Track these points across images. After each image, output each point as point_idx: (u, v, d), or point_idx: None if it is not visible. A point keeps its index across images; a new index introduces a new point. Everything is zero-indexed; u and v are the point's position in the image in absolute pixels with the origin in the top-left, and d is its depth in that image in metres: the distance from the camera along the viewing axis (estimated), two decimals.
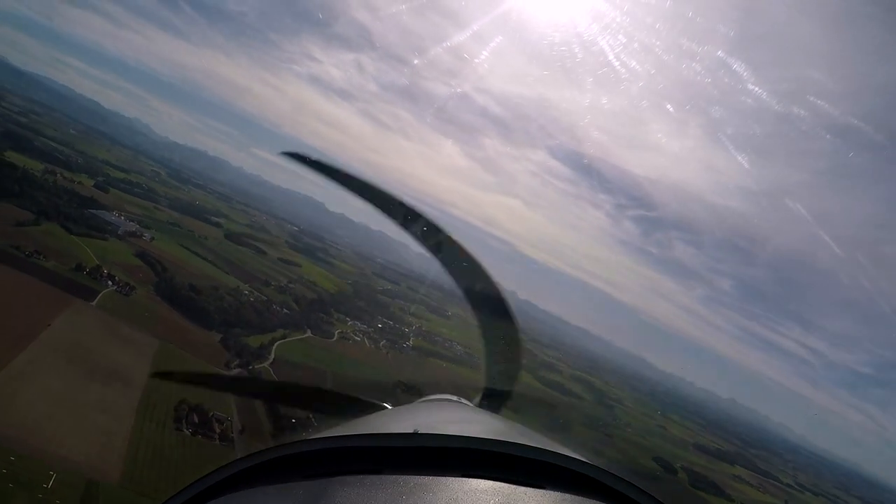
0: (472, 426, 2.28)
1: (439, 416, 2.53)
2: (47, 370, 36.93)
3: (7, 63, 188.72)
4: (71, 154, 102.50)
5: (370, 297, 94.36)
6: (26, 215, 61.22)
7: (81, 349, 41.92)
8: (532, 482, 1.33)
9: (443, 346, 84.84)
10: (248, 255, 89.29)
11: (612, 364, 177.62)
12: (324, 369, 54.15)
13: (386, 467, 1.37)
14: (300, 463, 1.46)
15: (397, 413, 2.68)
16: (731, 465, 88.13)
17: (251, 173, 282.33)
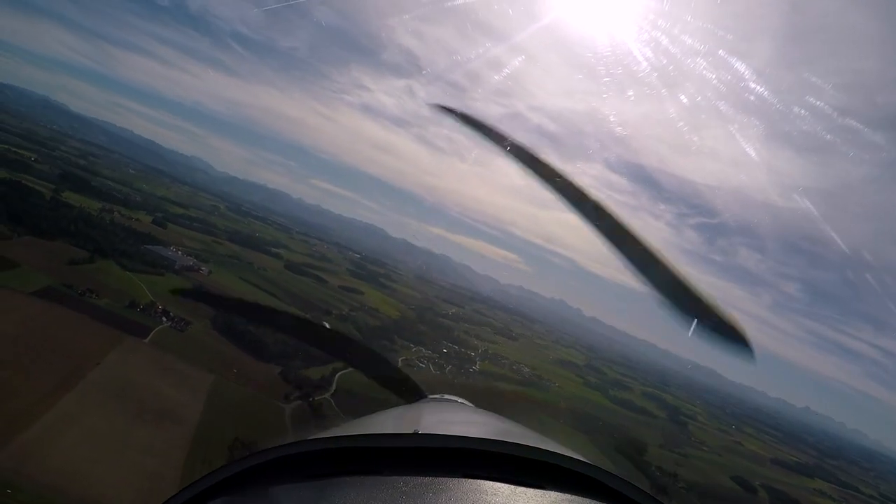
0: (472, 426, 2.38)
1: (439, 416, 2.63)
2: (94, 411, 37.95)
3: (67, 110, 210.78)
4: (129, 192, 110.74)
5: (434, 321, 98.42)
6: (81, 254, 65.42)
7: (132, 387, 43.05)
8: (532, 482, 1.42)
9: (510, 368, 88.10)
10: (309, 284, 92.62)
11: (681, 377, 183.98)
12: (388, 399, 54.15)
13: (386, 467, 1.46)
14: (300, 463, 1.56)
15: (397, 413, 2.76)
16: (810, 478, 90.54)
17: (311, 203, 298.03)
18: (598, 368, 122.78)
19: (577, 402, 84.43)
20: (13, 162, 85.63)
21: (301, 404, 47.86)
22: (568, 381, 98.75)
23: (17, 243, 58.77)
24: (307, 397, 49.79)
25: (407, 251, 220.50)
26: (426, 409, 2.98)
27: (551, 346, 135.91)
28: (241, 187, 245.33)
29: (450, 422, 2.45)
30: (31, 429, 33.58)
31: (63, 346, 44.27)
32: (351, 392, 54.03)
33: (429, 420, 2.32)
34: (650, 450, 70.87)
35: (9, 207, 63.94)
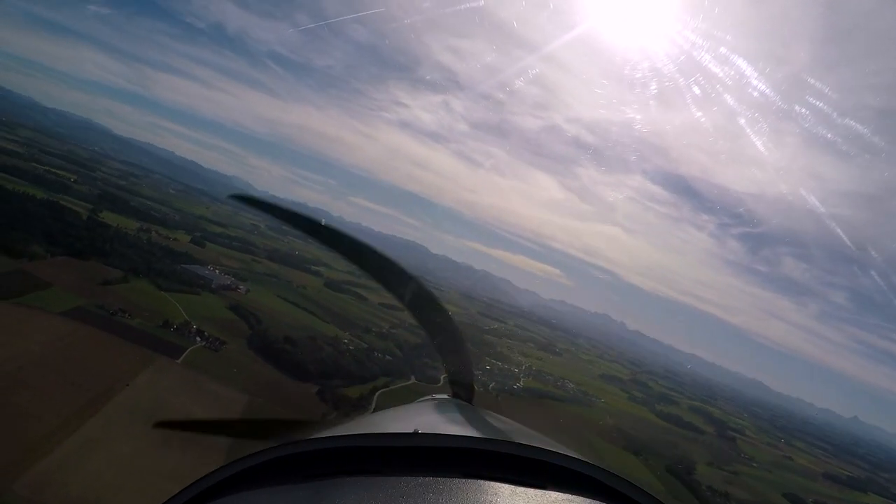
0: (472, 426, 2.40)
1: (439, 416, 2.70)
2: (120, 435, 36.93)
3: (109, 132, 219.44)
4: (168, 212, 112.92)
5: (477, 337, 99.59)
6: (115, 273, 66.01)
7: (161, 410, 41.96)
8: (532, 482, 1.47)
9: (555, 385, 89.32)
10: (349, 302, 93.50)
11: (728, 390, 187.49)
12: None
13: (386, 467, 1.52)
14: (300, 463, 1.62)
15: (397, 413, 2.84)
16: (863, 493, 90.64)
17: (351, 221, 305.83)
18: (643, 382, 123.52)
19: (624, 418, 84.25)
20: (52, 182, 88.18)
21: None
22: (613, 396, 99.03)
23: (50, 263, 59.48)
24: (345, 417, 48.02)
25: (448, 267, 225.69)
26: (426, 409, 3.08)
27: (595, 360, 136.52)
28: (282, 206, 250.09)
29: (450, 422, 2.48)
30: (52, 455, 32.71)
31: (91, 368, 43.81)
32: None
33: (429, 420, 2.42)
34: (699, 468, 71.41)
35: (44, 227, 65.10)
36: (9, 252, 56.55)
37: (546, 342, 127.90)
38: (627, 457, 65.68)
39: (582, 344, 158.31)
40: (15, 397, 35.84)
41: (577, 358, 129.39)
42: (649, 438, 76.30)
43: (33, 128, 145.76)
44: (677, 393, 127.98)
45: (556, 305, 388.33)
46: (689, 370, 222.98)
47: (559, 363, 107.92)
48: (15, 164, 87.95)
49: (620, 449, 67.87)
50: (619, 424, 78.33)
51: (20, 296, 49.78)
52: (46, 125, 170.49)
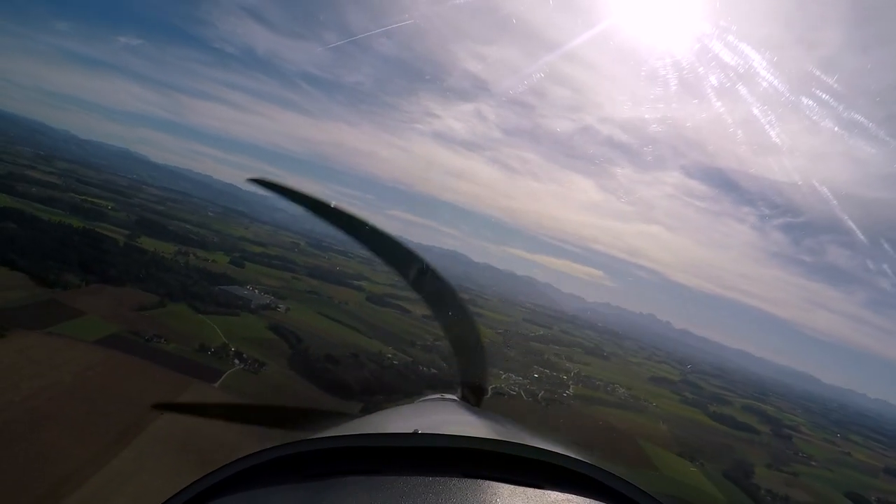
0: (472, 426, 2.46)
1: (439, 416, 2.74)
2: (152, 467, 35.50)
3: (147, 160, 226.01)
4: (206, 234, 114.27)
5: (523, 345, 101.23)
6: (151, 298, 66.06)
7: (196, 439, 40.56)
8: (532, 482, 1.50)
9: (605, 391, 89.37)
10: (392, 315, 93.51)
11: (779, 385, 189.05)
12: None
13: (386, 467, 1.55)
14: (300, 463, 1.65)
15: (397, 413, 2.86)
16: None
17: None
18: (693, 383, 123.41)
19: (678, 422, 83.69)
20: (88, 211, 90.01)
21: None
22: (665, 399, 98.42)
23: (84, 291, 59.83)
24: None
25: (490, 275, 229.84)
26: (426, 409, 3.13)
27: (644, 363, 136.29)
28: (322, 223, 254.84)
29: (450, 422, 2.51)
30: (79, 492, 31.43)
31: (124, 397, 42.92)
32: None
33: (429, 420, 2.45)
34: (757, 471, 71.04)
35: (79, 256, 65.71)
36: (42, 282, 57.09)
37: (593, 346, 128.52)
38: (683, 464, 65.29)
39: (629, 346, 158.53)
40: (42, 432, 35.00)
41: (626, 361, 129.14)
42: (704, 442, 76.24)
43: (71, 160, 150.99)
44: (729, 392, 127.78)
45: (601, 308, 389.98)
46: (739, 367, 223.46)
47: (608, 367, 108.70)
48: (51, 195, 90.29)
49: (676, 455, 67.14)
50: (673, 429, 78.39)
51: (52, 325, 49.67)
52: (84, 156, 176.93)
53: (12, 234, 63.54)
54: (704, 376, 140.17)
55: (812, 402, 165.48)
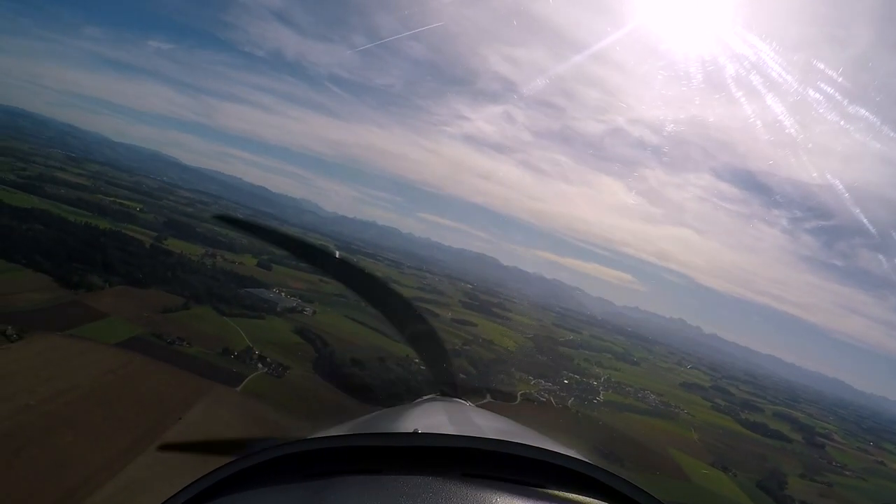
0: (472, 426, 2.54)
1: (439, 416, 2.81)
2: (168, 475, 34.62)
3: (178, 163, 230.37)
4: (235, 236, 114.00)
5: (552, 350, 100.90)
6: (175, 300, 66.03)
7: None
8: (532, 482, 1.53)
9: (635, 397, 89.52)
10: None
11: (809, 391, 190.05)
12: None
13: (386, 467, 1.57)
14: (300, 463, 1.67)
15: (397, 413, 2.90)
16: None
17: (420, 237, 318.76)
18: (724, 389, 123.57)
19: (710, 430, 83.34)
20: (116, 212, 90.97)
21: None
22: (697, 406, 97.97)
23: (108, 293, 60.01)
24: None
25: (519, 278, 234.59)
26: (426, 409, 3.14)
27: (674, 368, 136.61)
28: (351, 226, 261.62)
29: (450, 422, 2.55)
30: (90, 499, 30.83)
31: (142, 401, 42.58)
32: None
33: (429, 420, 2.48)
34: (791, 481, 70.47)
35: (105, 257, 65.93)
36: (66, 283, 57.36)
37: (623, 351, 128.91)
38: (716, 473, 64.98)
39: (659, 351, 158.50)
40: (57, 437, 34.61)
41: (656, 366, 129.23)
42: (737, 451, 76.11)
43: (103, 162, 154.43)
44: (760, 398, 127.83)
45: (630, 312, 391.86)
46: (769, 372, 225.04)
47: (638, 373, 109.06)
48: (80, 197, 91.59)
49: (708, 465, 66.89)
50: (705, 437, 78.20)
51: (74, 327, 49.66)
52: (116, 159, 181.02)
53: (38, 236, 64.19)
54: (735, 382, 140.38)
55: (844, 408, 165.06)
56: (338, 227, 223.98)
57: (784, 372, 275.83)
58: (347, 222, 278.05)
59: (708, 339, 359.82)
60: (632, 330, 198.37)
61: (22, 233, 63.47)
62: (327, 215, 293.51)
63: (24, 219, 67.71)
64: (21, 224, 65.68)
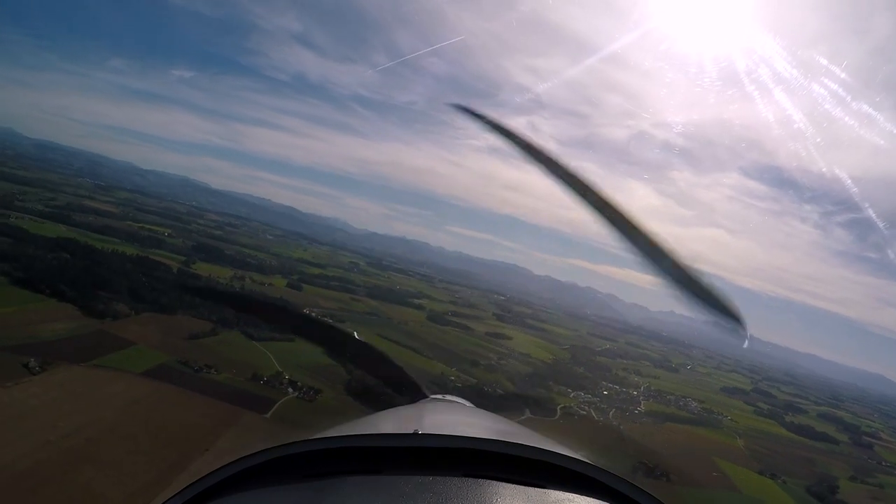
0: (472, 426, 2.52)
1: (439, 416, 2.78)
2: None
3: (208, 187, 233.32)
4: (264, 258, 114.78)
5: (589, 360, 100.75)
6: (203, 326, 65.21)
7: None
8: (532, 482, 1.54)
9: (677, 405, 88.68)
10: (454, 334, 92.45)
11: (851, 388, 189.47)
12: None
13: (386, 467, 1.60)
14: (300, 463, 1.69)
15: (397, 413, 2.96)
16: None
17: (451, 251, 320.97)
18: (766, 392, 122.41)
19: (755, 436, 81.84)
20: (144, 238, 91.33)
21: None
22: (739, 411, 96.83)
23: (134, 321, 59.49)
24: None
25: (552, 287, 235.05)
26: (426, 409, 3.14)
27: (713, 372, 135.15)
28: (381, 242, 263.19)
29: (450, 422, 2.52)
30: None
31: (168, 432, 41.24)
32: None
33: (429, 420, 2.44)
34: (841, 484, 69.05)
35: (131, 284, 65.47)
36: (91, 312, 56.86)
37: (661, 358, 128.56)
38: (764, 481, 63.67)
39: (697, 356, 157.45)
40: (77, 474, 33.33)
41: (695, 372, 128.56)
42: (784, 457, 75.18)
43: (132, 189, 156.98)
44: (802, 399, 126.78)
45: (666, 317, 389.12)
46: (809, 371, 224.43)
47: (677, 380, 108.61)
48: (107, 224, 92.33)
49: (755, 473, 65.51)
50: (750, 444, 76.91)
51: (98, 357, 48.86)
52: (145, 186, 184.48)
53: (63, 265, 64.22)
54: (776, 384, 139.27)
55: (887, 405, 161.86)
56: (368, 244, 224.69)
57: (824, 370, 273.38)
58: (378, 239, 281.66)
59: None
60: (668, 335, 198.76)
61: (47, 262, 63.54)
62: (357, 233, 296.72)
63: (49, 248, 67.98)
64: (47, 254, 65.88)
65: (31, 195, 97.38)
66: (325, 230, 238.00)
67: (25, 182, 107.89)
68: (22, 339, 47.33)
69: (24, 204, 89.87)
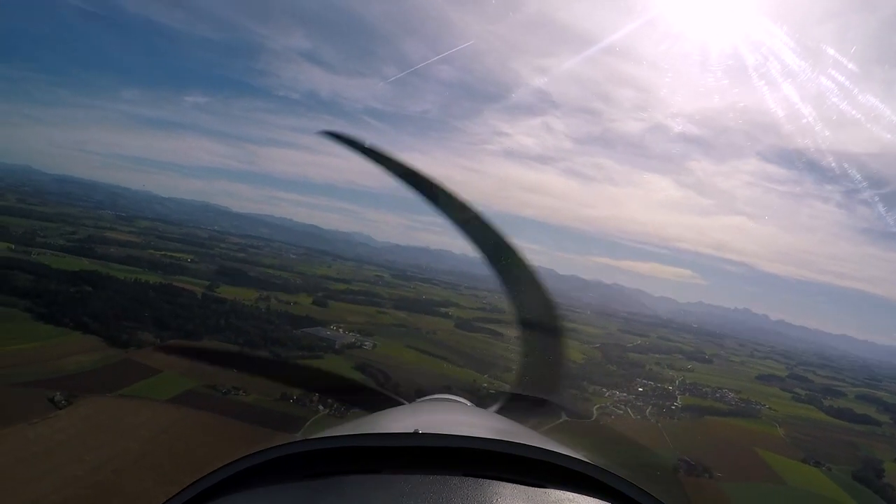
0: (472, 426, 2.54)
1: (439, 416, 2.84)
2: None
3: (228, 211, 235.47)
4: (288, 277, 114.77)
5: (622, 357, 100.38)
6: (230, 349, 64.02)
7: None
8: (532, 482, 1.55)
9: (713, 397, 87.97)
10: (483, 340, 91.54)
11: (888, 367, 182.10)
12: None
13: (386, 467, 1.59)
14: (300, 463, 1.68)
15: (397, 413, 2.94)
16: None
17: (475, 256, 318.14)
18: (802, 377, 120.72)
19: (795, 424, 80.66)
20: (167, 266, 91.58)
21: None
22: (777, 399, 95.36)
23: (159, 349, 58.78)
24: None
25: (578, 286, 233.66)
26: (426, 409, 3.23)
27: (748, 361, 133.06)
28: (404, 253, 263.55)
29: (450, 422, 2.56)
30: None
31: (197, 459, 40.31)
32: None
33: (429, 420, 2.50)
34: (887, 467, 67.47)
35: (155, 312, 65.38)
36: (115, 342, 56.64)
37: (693, 350, 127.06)
38: (808, 470, 62.73)
39: (729, 345, 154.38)
40: None
41: (729, 362, 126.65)
42: (826, 443, 74.24)
43: (153, 218, 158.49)
44: (839, 381, 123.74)
45: (695, 308, 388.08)
46: (843, 353, 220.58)
47: (712, 371, 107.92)
48: (129, 254, 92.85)
49: (799, 462, 64.61)
50: (791, 432, 75.87)
51: (124, 387, 48.47)
52: (166, 214, 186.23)
53: (86, 297, 64.36)
54: (811, 368, 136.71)
55: None
56: (391, 256, 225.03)
57: (858, 350, 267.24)
58: (400, 250, 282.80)
59: (776, 326, 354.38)
60: (698, 326, 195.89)
61: (69, 296, 63.72)
62: (380, 245, 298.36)
63: (71, 282, 68.33)
64: (69, 287, 66.14)
65: (51, 230, 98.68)
66: (347, 245, 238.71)
67: (46, 217, 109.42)
68: (47, 373, 47.22)
69: (46, 239, 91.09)
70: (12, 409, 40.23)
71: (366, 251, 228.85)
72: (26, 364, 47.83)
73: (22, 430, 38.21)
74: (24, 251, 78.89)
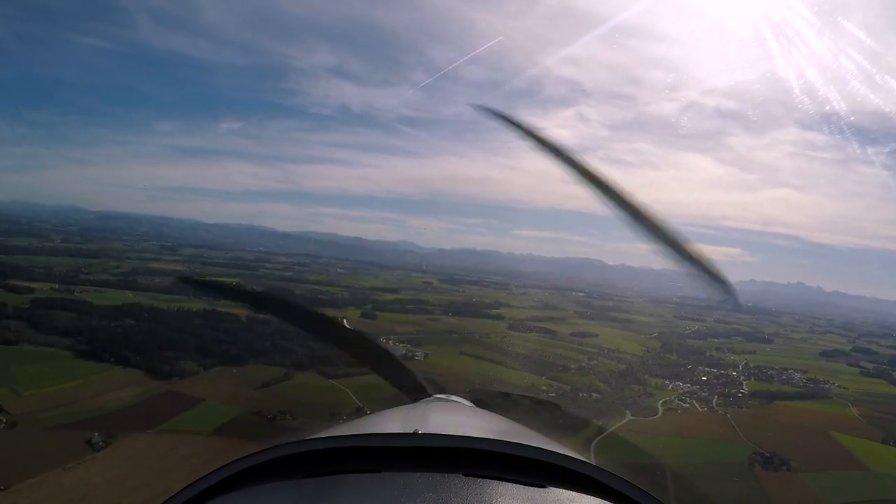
0: (472, 426, 2.55)
1: (439, 416, 2.81)
2: None
3: (273, 231, 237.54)
4: (336, 292, 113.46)
5: (680, 345, 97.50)
6: (275, 373, 63.34)
7: None
8: (532, 482, 1.55)
9: (780, 380, 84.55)
10: (538, 340, 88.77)
11: None
12: (659, 462, 46.93)
13: (386, 467, 1.60)
14: (300, 463, 1.71)
15: (397, 413, 2.97)
16: None
17: (522, 255, 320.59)
18: (866, 349, 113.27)
19: (868, 401, 75.15)
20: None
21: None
22: (845, 375, 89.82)
23: (203, 377, 58.15)
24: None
25: (629, 276, 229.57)
26: (426, 409, 3.18)
27: (809, 337, 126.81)
28: (451, 257, 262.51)
29: (449, 422, 2.56)
30: None
31: None
32: (614, 463, 42.21)
33: (429, 419, 2.48)
34: None
35: (198, 340, 64.39)
36: (157, 374, 55.57)
37: (752, 331, 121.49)
38: (890, 451, 58.13)
39: (787, 322, 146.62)
40: None
41: (789, 339, 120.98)
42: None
43: (198, 245, 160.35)
44: None
45: (747, 286, 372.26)
46: None
47: (774, 351, 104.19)
48: (174, 284, 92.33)
49: (879, 443, 60.15)
50: (865, 411, 70.81)
51: (166, 420, 47.02)
52: (210, 239, 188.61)
53: (127, 331, 63.82)
54: (874, 339, 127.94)
55: None
56: (438, 261, 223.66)
57: None
58: (446, 254, 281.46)
59: (831, 298, 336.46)
60: (752, 305, 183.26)
61: (111, 331, 63.30)
62: (426, 251, 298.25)
63: (113, 317, 68.07)
64: (110, 322, 65.76)
65: (95, 266, 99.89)
66: (393, 255, 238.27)
67: (90, 255, 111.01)
68: (86, 413, 46.18)
69: (89, 276, 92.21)
70: (47, 454, 39.09)
71: (412, 258, 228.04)
72: (64, 405, 47.00)
73: (56, 476, 36.90)
74: (67, 290, 79.47)
